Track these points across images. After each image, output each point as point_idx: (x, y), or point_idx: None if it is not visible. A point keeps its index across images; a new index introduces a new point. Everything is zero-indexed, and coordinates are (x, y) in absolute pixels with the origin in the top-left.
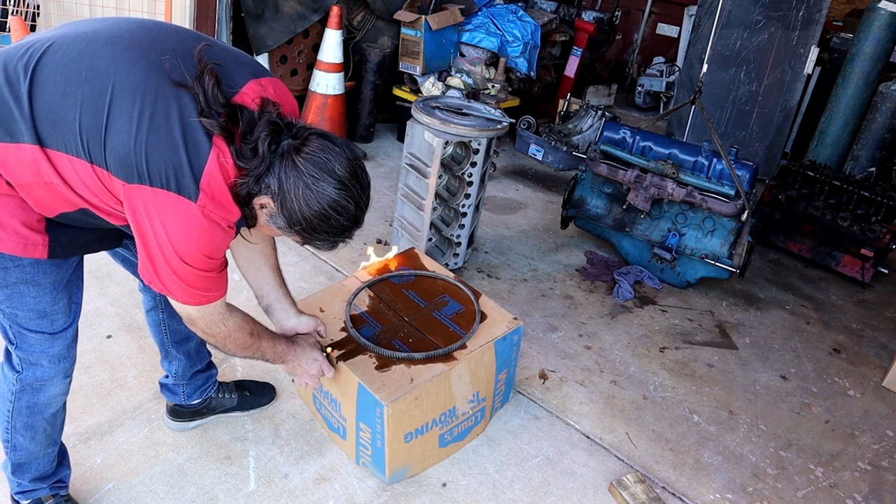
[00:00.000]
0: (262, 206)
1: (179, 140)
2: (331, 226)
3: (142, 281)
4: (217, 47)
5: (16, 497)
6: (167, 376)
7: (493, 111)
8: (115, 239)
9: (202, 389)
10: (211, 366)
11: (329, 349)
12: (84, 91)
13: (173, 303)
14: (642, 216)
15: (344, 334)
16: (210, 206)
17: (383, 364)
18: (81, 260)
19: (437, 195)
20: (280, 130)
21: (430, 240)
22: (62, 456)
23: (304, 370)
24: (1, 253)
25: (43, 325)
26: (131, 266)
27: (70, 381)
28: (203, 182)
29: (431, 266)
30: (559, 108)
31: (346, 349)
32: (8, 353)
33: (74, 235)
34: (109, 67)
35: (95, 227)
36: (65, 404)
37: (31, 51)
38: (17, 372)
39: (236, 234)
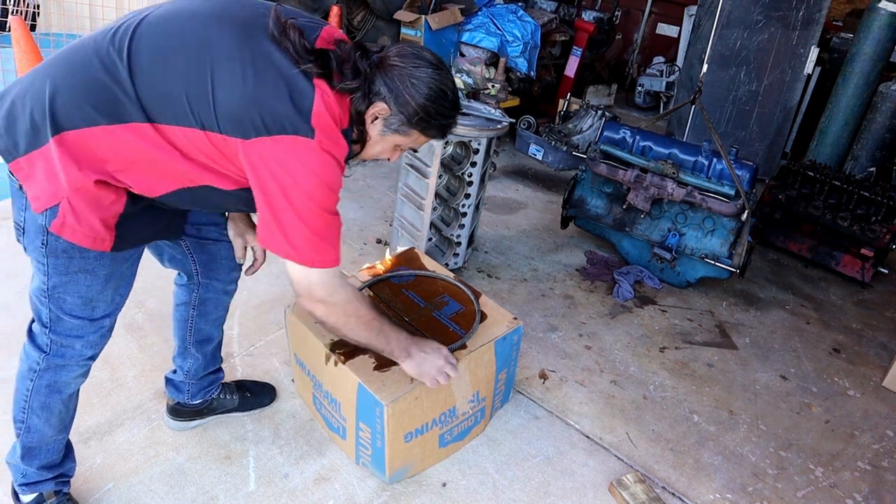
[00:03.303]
0: (374, 119)
1: (284, 90)
2: (442, 106)
3: (181, 272)
4: (286, 6)
5: (19, 489)
6: (176, 372)
7: (493, 111)
8: (176, 231)
9: (207, 390)
10: (220, 370)
11: (334, 351)
12: (183, 65)
13: (294, 273)
14: (642, 216)
15: None
16: (325, 140)
17: (383, 364)
18: (139, 257)
19: (437, 195)
20: (367, 50)
21: (430, 240)
22: (69, 448)
23: (432, 363)
24: (71, 243)
25: (85, 311)
26: (174, 262)
27: (89, 369)
28: (314, 120)
29: (431, 266)
30: (559, 108)
31: (346, 349)
32: (32, 334)
33: (140, 229)
34: (200, 41)
35: (162, 217)
36: (78, 391)
37: (118, 37)
38: (44, 352)
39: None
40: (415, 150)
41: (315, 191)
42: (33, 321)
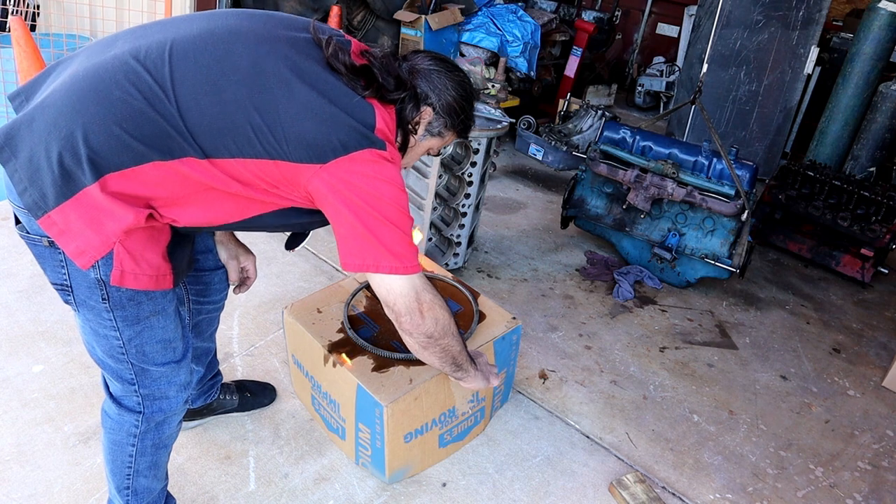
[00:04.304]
0: (417, 124)
1: (349, 110)
2: (472, 103)
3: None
4: (321, 23)
5: None
6: None
7: (493, 111)
8: (192, 257)
9: (207, 394)
10: (218, 373)
11: (340, 354)
12: (241, 93)
13: (396, 288)
14: (642, 216)
15: (342, 335)
16: (391, 150)
17: (382, 365)
18: None
19: (437, 195)
20: (398, 59)
21: (430, 240)
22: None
23: (487, 368)
24: (136, 290)
25: (168, 354)
26: None
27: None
28: (378, 134)
29: (430, 267)
30: (559, 108)
31: (344, 350)
32: (116, 398)
33: (182, 253)
34: (253, 65)
35: (190, 238)
36: None
37: (150, 62)
38: (139, 413)
39: None
40: (437, 154)
41: (397, 197)
42: (108, 385)
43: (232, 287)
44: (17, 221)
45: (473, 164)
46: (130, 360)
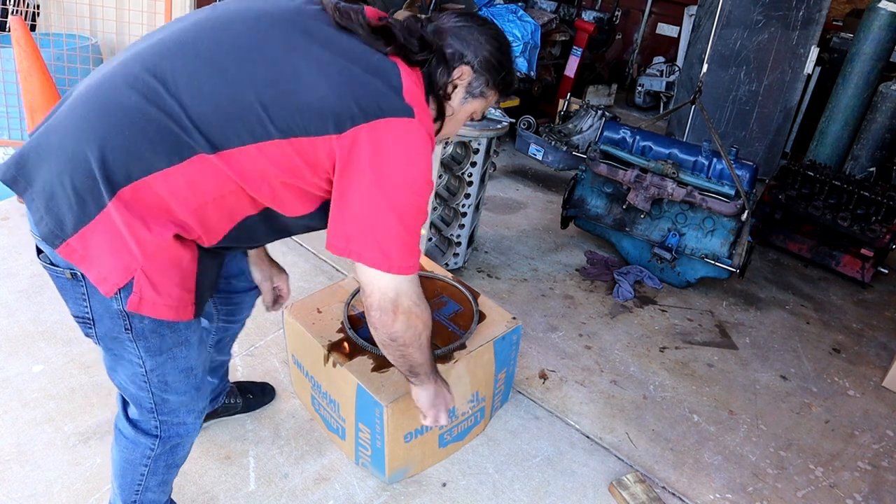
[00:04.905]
0: (455, 87)
1: (371, 71)
2: (510, 57)
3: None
4: None
5: None
6: None
7: (493, 111)
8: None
9: (214, 402)
10: (227, 381)
11: (339, 353)
12: (245, 69)
13: (376, 283)
14: (642, 216)
15: (342, 335)
16: (422, 116)
17: (382, 365)
18: None
19: (437, 195)
20: (419, 19)
21: (429, 240)
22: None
23: (443, 400)
24: (157, 320)
25: (189, 382)
26: None
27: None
28: (407, 97)
29: (430, 266)
30: (559, 108)
31: (345, 350)
32: (134, 422)
33: (208, 284)
34: (258, 37)
35: (216, 267)
36: None
37: (147, 59)
38: (155, 437)
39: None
40: (480, 119)
41: (414, 183)
42: (126, 406)
43: (265, 307)
44: (39, 252)
45: (473, 164)
46: (152, 390)
